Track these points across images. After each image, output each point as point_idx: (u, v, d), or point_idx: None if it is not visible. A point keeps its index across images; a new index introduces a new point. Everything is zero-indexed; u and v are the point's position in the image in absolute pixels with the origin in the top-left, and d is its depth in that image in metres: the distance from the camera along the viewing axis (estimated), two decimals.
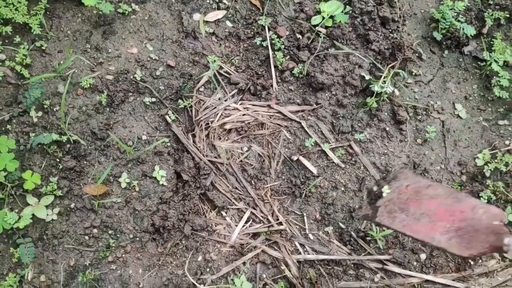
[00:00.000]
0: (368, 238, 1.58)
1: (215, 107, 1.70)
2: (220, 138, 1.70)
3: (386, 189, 1.24)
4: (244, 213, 1.65)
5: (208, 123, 1.69)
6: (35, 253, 1.47)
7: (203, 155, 1.66)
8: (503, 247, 1.04)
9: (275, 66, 1.74)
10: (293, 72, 1.74)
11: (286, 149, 1.70)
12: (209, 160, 1.66)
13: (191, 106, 1.70)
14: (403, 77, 1.76)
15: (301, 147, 1.69)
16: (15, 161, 1.46)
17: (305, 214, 1.63)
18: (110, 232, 1.53)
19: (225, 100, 1.71)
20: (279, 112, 1.73)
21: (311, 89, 1.74)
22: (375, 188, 1.27)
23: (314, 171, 1.65)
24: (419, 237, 1.15)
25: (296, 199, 1.65)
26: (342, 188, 1.66)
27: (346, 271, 1.55)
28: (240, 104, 1.74)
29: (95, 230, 1.53)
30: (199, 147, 1.67)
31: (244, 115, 1.72)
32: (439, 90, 1.81)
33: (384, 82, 1.69)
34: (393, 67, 1.74)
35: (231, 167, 1.67)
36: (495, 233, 1.07)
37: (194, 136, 1.70)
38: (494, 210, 1.12)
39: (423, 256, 1.59)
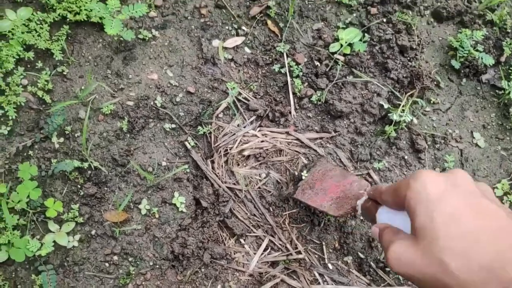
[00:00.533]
0: (387, 269, 1.59)
1: (234, 134, 1.73)
2: (238, 165, 1.72)
3: (304, 174, 1.64)
4: (263, 240, 1.65)
5: (227, 150, 1.72)
6: (56, 280, 1.48)
7: (222, 181, 1.68)
8: (356, 207, 1.37)
9: (294, 93, 1.77)
10: (311, 99, 1.76)
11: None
12: (227, 187, 1.68)
13: (210, 133, 1.73)
14: (421, 106, 1.78)
15: None
16: (38, 189, 1.49)
17: (324, 243, 1.65)
18: (130, 259, 1.55)
19: (244, 127, 1.74)
20: (297, 139, 1.75)
21: (329, 116, 1.76)
22: (296, 173, 1.68)
23: None
24: (313, 205, 1.54)
25: (315, 227, 1.67)
26: (361, 217, 1.67)
27: None
28: (259, 130, 1.76)
29: (115, 257, 1.54)
30: (218, 173, 1.69)
31: (262, 141, 1.74)
32: (457, 118, 1.83)
33: (403, 110, 1.71)
34: (411, 95, 1.77)
35: (250, 193, 1.69)
36: (356, 197, 1.42)
37: (212, 162, 1.72)
38: (364, 182, 1.50)
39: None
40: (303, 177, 1.63)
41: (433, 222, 0.67)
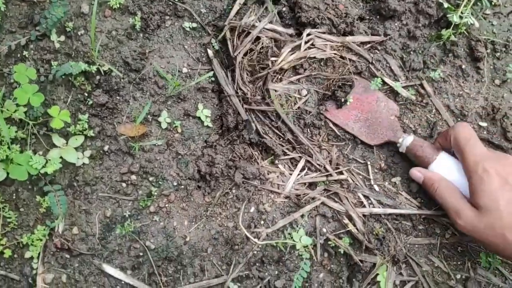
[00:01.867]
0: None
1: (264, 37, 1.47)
2: (272, 80, 1.48)
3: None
4: (298, 161, 1.47)
5: (260, 59, 1.47)
6: (67, 202, 1.29)
7: (250, 101, 1.45)
8: (397, 144, 1.37)
9: None
10: None
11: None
12: (258, 109, 1.45)
13: (236, 34, 1.47)
14: (483, 7, 1.54)
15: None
16: (39, 94, 1.25)
17: (369, 163, 1.47)
18: (150, 178, 1.35)
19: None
20: (343, 45, 1.51)
21: (378, 16, 1.52)
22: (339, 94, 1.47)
23: None
24: (338, 123, 1.46)
25: (358, 145, 1.48)
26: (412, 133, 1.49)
27: (416, 226, 1.43)
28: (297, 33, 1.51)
29: (133, 177, 1.35)
30: (245, 90, 1.46)
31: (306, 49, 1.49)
32: None
33: (464, 11, 1.47)
34: None
35: (286, 115, 1.47)
36: (391, 128, 1.39)
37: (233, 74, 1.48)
38: (391, 104, 1.44)
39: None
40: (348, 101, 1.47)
41: (497, 202, 1.00)
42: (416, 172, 1.29)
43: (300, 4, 1.47)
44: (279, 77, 1.50)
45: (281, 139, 1.50)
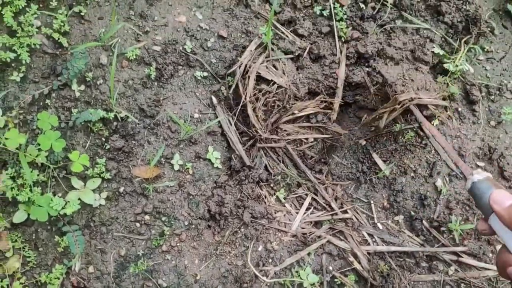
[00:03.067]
0: (442, 228, 1.51)
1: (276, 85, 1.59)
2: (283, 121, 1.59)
3: None
4: (304, 199, 1.55)
5: (274, 104, 1.58)
6: (84, 242, 1.37)
7: (260, 136, 1.55)
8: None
9: (339, 37, 1.63)
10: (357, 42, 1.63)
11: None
12: (267, 146, 1.55)
13: (244, 79, 1.59)
14: (476, 53, 1.66)
15: (368, 131, 1.59)
16: (61, 140, 1.37)
17: (372, 202, 1.55)
18: (163, 218, 1.44)
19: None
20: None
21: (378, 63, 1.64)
22: None
23: (381, 164, 1.56)
24: None
25: (361, 185, 1.57)
26: (412, 174, 1.58)
27: (419, 263, 1.49)
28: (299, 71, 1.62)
29: (147, 217, 1.44)
30: (256, 127, 1.56)
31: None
32: (511, 68, 1.72)
33: (459, 58, 1.59)
34: (466, 42, 1.64)
35: (290, 150, 1.57)
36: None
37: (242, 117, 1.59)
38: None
39: (499, 248, 1.51)
40: None
41: None
42: (482, 225, 0.95)
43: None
44: (292, 118, 1.61)
45: (285, 175, 1.60)
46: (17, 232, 1.40)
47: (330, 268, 1.49)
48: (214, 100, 1.59)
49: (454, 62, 1.62)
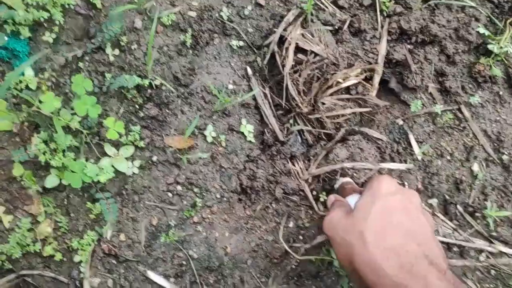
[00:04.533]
0: (477, 214, 1.50)
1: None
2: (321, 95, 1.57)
3: None
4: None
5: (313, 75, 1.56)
6: (117, 209, 1.38)
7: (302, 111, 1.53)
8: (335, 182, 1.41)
9: (381, 11, 1.59)
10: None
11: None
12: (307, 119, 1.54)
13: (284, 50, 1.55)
14: None
15: (406, 110, 1.57)
16: (97, 105, 1.35)
17: (406, 183, 1.54)
18: (195, 190, 1.44)
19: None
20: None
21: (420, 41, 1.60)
22: None
23: (416, 147, 1.55)
24: None
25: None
26: (448, 157, 1.56)
27: (450, 247, 1.49)
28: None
29: (179, 187, 1.44)
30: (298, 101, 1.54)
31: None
32: None
33: (504, 40, 1.55)
34: (511, 23, 1.60)
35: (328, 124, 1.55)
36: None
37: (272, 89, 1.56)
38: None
39: None
40: None
41: (371, 206, 0.86)
42: (330, 196, 1.24)
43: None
44: (331, 91, 1.58)
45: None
46: (48, 197, 1.41)
47: None
48: (249, 71, 1.57)
49: (498, 43, 1.58)
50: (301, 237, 1.49)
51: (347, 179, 1.44)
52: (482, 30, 1.59)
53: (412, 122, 1.60)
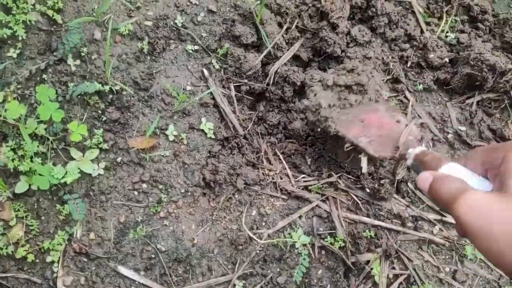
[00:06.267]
0: None
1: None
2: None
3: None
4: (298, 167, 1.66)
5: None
6: (85, 208, 1.47)
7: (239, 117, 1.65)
8: (406, 155, 1.19)
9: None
10: None
11: None
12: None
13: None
14: None
15: None
16: (60, 110, 1.46)
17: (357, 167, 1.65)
18: (160, 186, 1.54)
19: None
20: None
21: None
22: None
23: None
24: (349, 137, 1.42)
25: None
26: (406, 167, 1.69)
27: (405, 223, 1.60)
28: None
29: (144, 185, 1.53)
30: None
31: None
32: None
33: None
34: None
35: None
36: (406, 144, 1.30)
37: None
38: (414, 128, 1.36)
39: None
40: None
41: None
42: (424, 174, 0.86)
43: None
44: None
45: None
46: (19, 202, 1.49)
47: (321, 229, 1.60)
48: (206, 72, 1.68)
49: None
50: (263, 224, 1.59)
51: (421, 148, 1.18)
52: None
53: None
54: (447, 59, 1.72)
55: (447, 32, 1.78)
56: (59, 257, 1.48)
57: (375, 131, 1.40)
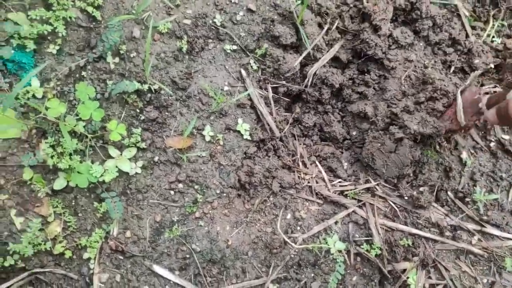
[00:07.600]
0: (466, 199, 1.59)
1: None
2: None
3: None
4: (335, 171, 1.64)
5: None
6: (122, 207, 1.48)
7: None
8: (480, 110, 1.36)
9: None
10: None
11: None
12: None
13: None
14: None
15: None
16: (100, 110, 1.46)
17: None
18: (196, 187, 1.54)
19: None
20: None
21: None
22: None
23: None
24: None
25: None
26: (437, 146, 1.66)
27: (443, 232, 1.57)
28: None
29: (180, 185, 1.54)
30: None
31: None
32: None
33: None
34: None
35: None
36: (475, 103, 1.40)
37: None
38: (474, 88, 1.46)
39: None
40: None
41: None
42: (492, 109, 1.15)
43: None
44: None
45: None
46: (57, 199, 1.51)
47: (357, 236, 1.58)
48: (244, 73, 1.68)
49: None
50: (298, 228, 1.58)
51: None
52: None
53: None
54: (492, 65, 1.68)
55: (493, 36, 1.74)
56: (96, 254, 1.49)
57: (447, 115, 1.55)
